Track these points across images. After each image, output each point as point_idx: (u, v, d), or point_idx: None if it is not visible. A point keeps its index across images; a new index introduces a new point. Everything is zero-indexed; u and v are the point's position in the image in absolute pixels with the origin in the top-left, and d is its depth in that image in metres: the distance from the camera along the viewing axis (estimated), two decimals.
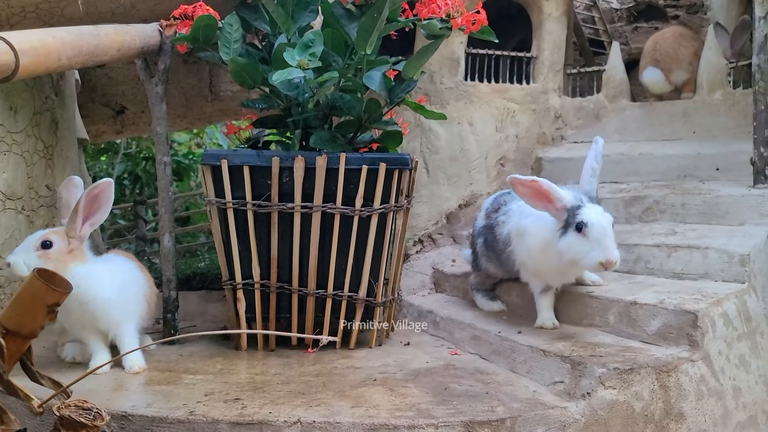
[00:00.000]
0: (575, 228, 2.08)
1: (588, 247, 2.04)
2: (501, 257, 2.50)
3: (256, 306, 2.43)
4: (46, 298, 1.32)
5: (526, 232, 2.32)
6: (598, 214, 2.09)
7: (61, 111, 3.06)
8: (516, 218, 2.41)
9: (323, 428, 1.66)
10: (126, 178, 9.25)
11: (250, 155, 2.37)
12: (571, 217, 2.10)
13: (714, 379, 1.89)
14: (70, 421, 1.37)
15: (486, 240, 2.59)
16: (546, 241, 2.20)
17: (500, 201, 2.60)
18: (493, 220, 2.56)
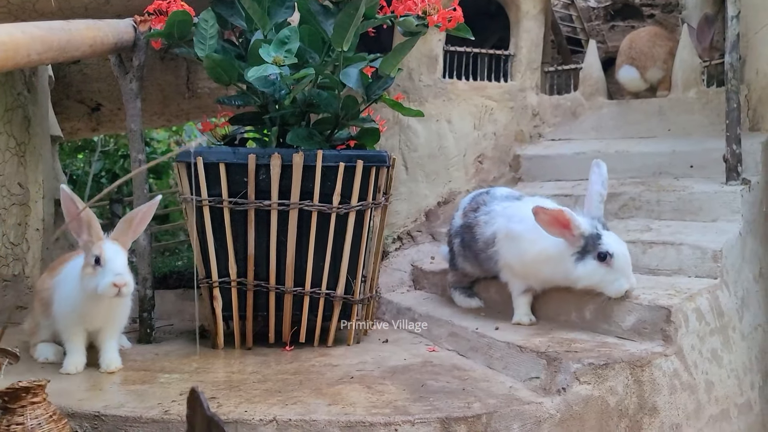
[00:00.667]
0: (597, 257, 2.12)
1: (613, 276, 2.11)
2: (480, 257, 2.51)
3: (233, 304, 2.41)
4: None
5: (520, 237, 2.31)
6: (620, 244, 2.15)
7: (34, 108, 3.02)
8: (503, 220, 2.41)
9: (299, 426, 1.65)
10: (104, 176, 9.14)
11: (226, 152, 2.35)
12: (591, 245, 2.14)
13: (687, 374, 1.91)
14: (13, 392, 1.35)
15: (463, 239, 2.59)
16: (547, 253, 2.22)
17: (479, 200, 2.61)
18: (471, 219, 2.57)
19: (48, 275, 2.29)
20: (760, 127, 2.88)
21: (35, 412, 1.36)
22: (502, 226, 2.40)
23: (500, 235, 2.40)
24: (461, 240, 2.61)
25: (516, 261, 2.35)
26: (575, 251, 2.16)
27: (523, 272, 2.35)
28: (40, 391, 1.38)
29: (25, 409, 1.35)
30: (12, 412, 1.35)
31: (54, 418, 1.38)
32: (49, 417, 1.37)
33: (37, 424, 1.35)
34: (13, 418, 1.34)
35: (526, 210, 2.27)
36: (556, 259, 2.20)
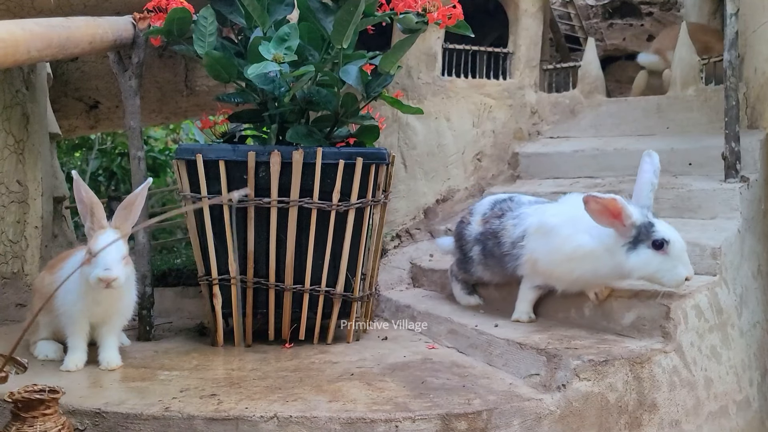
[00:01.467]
0: (652, 245, 2.04)
1: (671, 264, 2.02)
2: (504, 259, 2.40)
3: (233, 301, 2.41)
4: None
5: (552, 232, 2.22)
6: (674, 231, 2.08)
7: (32, 105, 3.01)
8: (536, 217, 2.32)
9: (300, 423, 1.66)
10: (101, 174, 9.12)
11: (226, 150, 2.35)
12: (644, 234, 2.06)
13: (686, 370, 1.92)
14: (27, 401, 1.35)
15: (485, 247, 2.50)
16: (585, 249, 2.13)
17: (504, 207, 2.50)
18: (496, 225, 2.45)
19: (47, 272, 2.29)
20: (758, 125, 2.89)
21: (45, 425, 1.36)
22: (534, 221, 2.30)
23: (531, 229, 2.29)
24: (482, 248, 2.52)
25: (544, 256, 2.23)
26: (626, 242, 2.07)
27: (548, 270, 2.24)
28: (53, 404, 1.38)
29: (36, 420, 1.35)
30: (22, 420, 1.34)
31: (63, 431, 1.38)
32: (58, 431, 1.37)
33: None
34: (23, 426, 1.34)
35: (562, 206, 2.23)
36: (599, 254, 2.10)
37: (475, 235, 2.57)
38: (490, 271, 2.54)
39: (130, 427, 1.70)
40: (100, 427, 1.72)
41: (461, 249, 2.66)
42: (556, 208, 2.29)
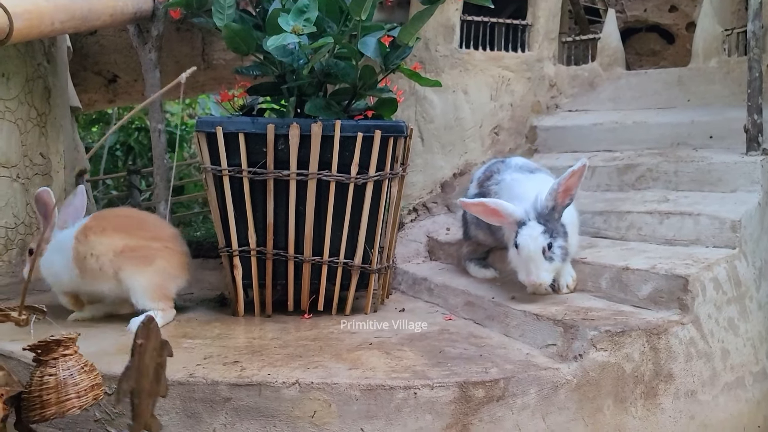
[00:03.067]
0: (514, 244, 2.23)
1: (521, 265, 2.22)
2: (491, 226, 2.52)
3: (253, 273, 2.45)
4: None
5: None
6: (530, 237, 2.17)
7: (54, 78, 3.04)
8: (507, 193, 2.43)
9: (321, 389, 1.69)
10: (119, 148, 9.20)
11: (245, 122, 2.37)
12: (516, 233, 2.22)
13: (703, 342, 1.93)
14: (45, 345, 1.40)
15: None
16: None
17: (492, 169, 2.62)
18: (485, 188, 2.58)
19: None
20: None
21: (67, 364, 1.40)
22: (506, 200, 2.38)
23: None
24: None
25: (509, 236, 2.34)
26: (514, 237, 2.24)
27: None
28: (71, 344, 1.43)
29: (57, 361, 1.40)
30: (45, 363, 1.39)
31: (86, 369, 1.43)
32: (81, 368, 1.42)
33: (69, 374, 1.40)
34: (46, 369, 1.39)
35: (526, 187, 2.31)
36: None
37: (470, 197, 2.65)
38: (483, 232, 2.62)
39: None
40: None
41: (463, 215, 2.74)
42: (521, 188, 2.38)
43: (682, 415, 1.84)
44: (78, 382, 1.40)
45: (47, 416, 1.37)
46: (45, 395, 1.37)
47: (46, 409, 1.37)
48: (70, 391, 1.39)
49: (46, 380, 1.38)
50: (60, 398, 1.38)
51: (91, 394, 1.43)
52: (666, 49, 4.26)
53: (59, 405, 1.37)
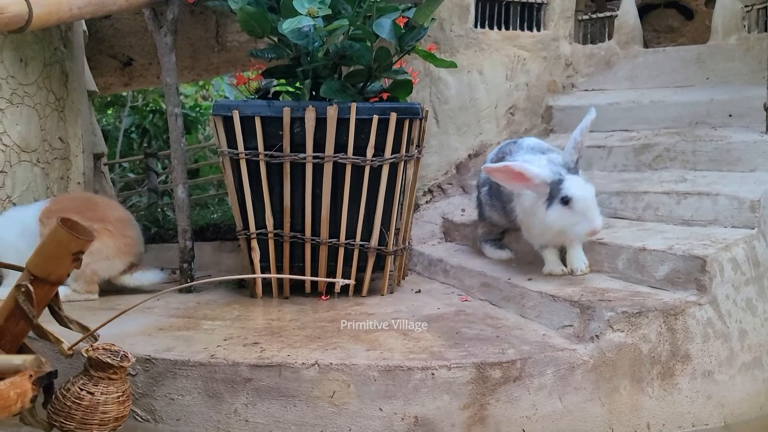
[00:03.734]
0: (560, 201, 2.17)
1: (575, 219, 2.16)
2: (505, 207, 2.53)
3: (270, 255, 2.47)
4: (70, 246, 1.36)
5: (523, 194, 2.33)
6: (581, 186, 2.18)
7: (71, 63, 3.06)
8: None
9: (340, 370, 1.72)
10: (134, 131, 9.24)
11: (261, 106, 2.38)
12: (555, 191, 2.19)
13: (721, 322, 1.93)
14: (98, 362, 1.43)
15: (490, 188, 2.61)
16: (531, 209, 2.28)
17: (505, 150, 2.62)
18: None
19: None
20: None
21: (108, 389, 1.44)
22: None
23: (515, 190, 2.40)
24: (488, 189, 2.63)
25: (522, 216, 2.38)
26: (544, 199, 2.22)
27: (527, 228, 2.38)
28: (121, 372, 1.46)
29: (101, 381, 1.43)
30: (89, 377, 1.43)
31: (121, 399, 1.46)
32: (117, 397, 1.45)
33: (103, 400, 1.43)
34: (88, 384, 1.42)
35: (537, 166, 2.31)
36: (535, 211, 2.25)
37: (483, 178, 2.66)
38: (497, 212, 2.62)
39: (178, 373, 1.78)
40: (150, 373, 1.81)
41: (477, 195, 2.76)
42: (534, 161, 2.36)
43: (698, 395, 1.85)
44: (107, 411, 1.44)
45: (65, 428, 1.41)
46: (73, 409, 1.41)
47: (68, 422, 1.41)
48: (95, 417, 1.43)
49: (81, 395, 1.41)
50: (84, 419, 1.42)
51: (112, 424, 1.47)
52: (684, 25, 4.19)
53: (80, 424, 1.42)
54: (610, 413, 1.77)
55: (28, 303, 1.37)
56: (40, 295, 1.38)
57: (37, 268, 1.36)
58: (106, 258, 2.47)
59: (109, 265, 2.50)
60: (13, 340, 1.44)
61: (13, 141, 2.64)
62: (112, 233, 2.47)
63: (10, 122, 2.62)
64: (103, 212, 2.52)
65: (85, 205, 2.51)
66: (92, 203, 2.58)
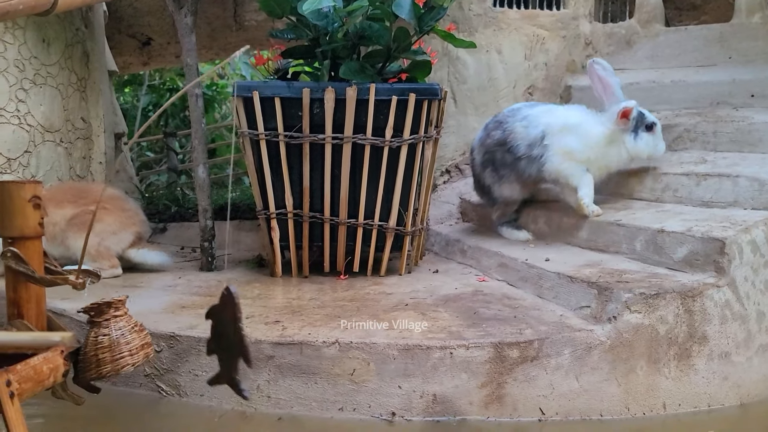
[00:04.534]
0: (645, 129, 2.51)
1: (657, 141, 2.53)
2: (520, 164, 2.58)
3: (290, 235, 2.51)
4: (20, 194, 1.38)
5: (581, 127, 2.52)
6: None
7: (92, 43, 3.09)
8: (548, 118, 2.55)
9: (360, 348, 1.75)
10: (151, 110, 9.29)
11: (281, 87, 2.39)
12: (640, 122, 2.50)
13: (739, 304, 1.93)
14: (96, 308, 1.47)
15: (494, 160, 2.65)
16: (608, 137, 2.51)
17: (498, 119, 2.69)
18: (500, 134, 2.62)
19: None
20: None
21: (118, 324, 1.48)
22: (555, 122, 2.54)
23: (554, 128, 2.53)
24: (492, 164, 2.67)
25: (580, 146, 2.51)
26: (629, 130, 2.50)
27: (585, 157, 2.52)
28: (121, 306, 1.50)
29: (110, 322, 1.47)
30: (98, 324, 1.47)
31: (136, 329, 1.50)
32: (132, 328, 1.49)
33: (120, 334, 1.47)
34: (100, 330, 1.46)
35: (570, 109, 2.62)
36: (614, 141, 2.52)
37: (480, 161, 2.72)
38: (507, 183, 2.66)
39: (202, 350, 1.83)
40: (174, 349, 1.86)
41: (477, 184, 2.81)
42: (567, 110, 2.63)
43: (715, 376, 1.87)
44: (130, 341, 1.48)
45: (104, 374, 1.45)
46: (100, 354, 1.45)
47: (102, 367, 1.44)
48: (123, 350, 1.47)
49: (100, 340, 1.45)
50: (114, 356, 1.45)
51: (142, 352, 1.51)
52: (707, 3, 4.13)
53: (114, 363, 1.45)
54: (626, 393, 1.79)
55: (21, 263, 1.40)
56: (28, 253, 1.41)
57: (7, 230, 1.40)
58: (113, 233, 2.59)
59: (118, 239, 2.61)
60: (36, 308, 1.46)
61: (37, 121, 2.68)
62: (110, 210, 2.60)
63: (34, 102, 2.67)
64: (96, 195, 2.62)
65: (77, 193, 2.61)
66: (83, 190, 2.67)
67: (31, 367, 1.28)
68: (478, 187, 2.83)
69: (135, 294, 2.31)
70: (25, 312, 1.45)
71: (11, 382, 1.21)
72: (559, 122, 2.54)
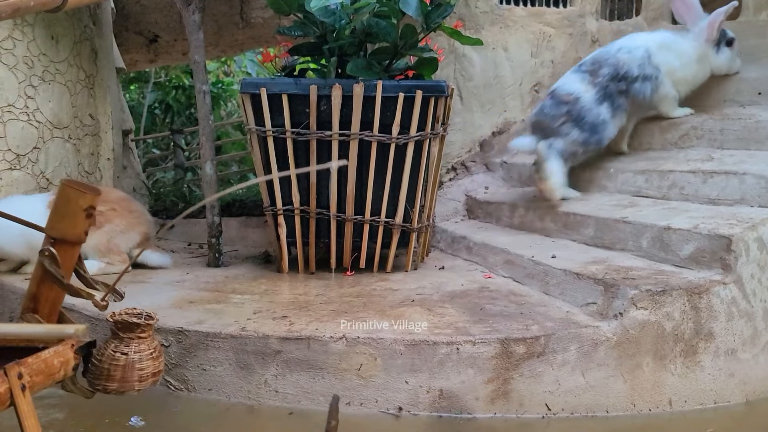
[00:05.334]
0: (726, 44, 2.69)
1: (735, 56, 2.73)
2: (633, 88, 2.66)
3: (297, 231, 2.52)
4: (79, 202, 1.39)
5: (675, 44, 2.67)
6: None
7: (100, 40, 3.10)
8: (642, 39, 2.69)
9: (367, 343, 1.76)
10: (157, 107, 9.32)
11: (288, 83, 2.40)
12: (722, 37, 2.68)
13: (745, 301, 1.93)
14: (125, 324, 1.48)
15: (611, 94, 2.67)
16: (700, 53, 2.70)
17: (599, 59, 2.72)
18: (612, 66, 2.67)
19: None
20: None
21: (139, 347, 1.48)
22: (652, 41, 2.69)
23: (653, 47, 2.67)
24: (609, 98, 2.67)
25: (678, 65, 2.66)
26: (714, 45, 2.68)
27: (681, 75, 2.68)
28: (148, 329, 1.51)
29: (132, 341, 1.48)
30: (120, 339, 1.48)
31: (153, 355, 1.50)
32: (150, 354, 1.50)
33: (138, 358, 1.48)
34: (120, 346, 1.47)
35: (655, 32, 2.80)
36: (703, 56, 2.69)
37: (593, 97, 2.68)
38: (618, 119, 2.72)
39: (210, 345, 1.84)
40: (183, 344, 1.87)
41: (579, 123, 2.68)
42: (655, 33, 2.78)
43: (721, 373, 1.87)
44: (144, 367, 1.49)
45: (108, 389, 1.46)
46: (112, 370, 1.46)
47: (109, 383, 1.46)
48: (134, 374, 1.48)
49: (117, 357, 1.46)
50: (125, 377, 1.46)
51: (152, 379, 1.52)
52: (714, 0, 4.11)
53: (121, 383, 1.46)
54: (632, 389, 1.79)
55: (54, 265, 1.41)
56: (64, 257, 1.42)
57: (54, 231, 1.40)
58: (122, 232, 2.64)
59: (126, 238, 2.65)
60: (51, 307, 1.48)
61: (46, 117, 2.70)
62: (118, 212, 2.66)
63: (43, 99, 2.68)
64: (105, 196, 2.65)
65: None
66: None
67: (43, 360, 1.30)
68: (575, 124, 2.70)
69: (143, 289, 2.32)
70: (40, 308, 1.47)
71: (23, 375, 1.22)
72: (657, 39, 2.68)
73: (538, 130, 2.72)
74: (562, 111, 2.67)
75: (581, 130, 2.68)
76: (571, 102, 2.68)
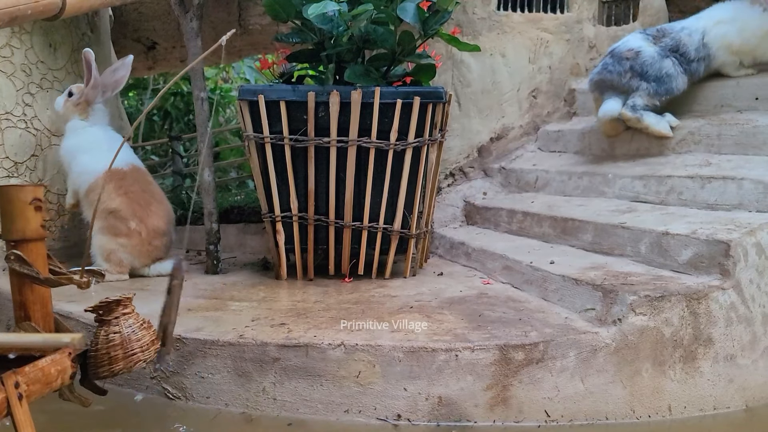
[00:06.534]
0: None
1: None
2: (691, 67, 2.81)
3: (295, 237, 2.51)
4: (20, 197, 1.39)
5: (734, 18, 2.76)
6: None
7: (98, 47, 3.10)
8: (702, 21, 2.82)
9: (365, 350, 1.76)
10: (156, 113, 9.33)
11: (286, 90, 2.41)
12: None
13: (744, 307, 1.93)
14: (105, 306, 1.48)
15: (681, 53, 2.80)
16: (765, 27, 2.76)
17: (664, 31, 2.85)
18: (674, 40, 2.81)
19: None
20: None
21: (128, 322, 1.49)
22: (710, 19, 2.81)
23: (710, 23, 2.79)
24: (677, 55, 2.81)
25: (737, 36, 2.75)
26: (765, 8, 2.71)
27: (742, 46, 2.77)
28: (128, 303, 1.51)
29: (119, 320, 1.48)
30: (108, 323, 1.48)
31: (144, 325, 1.51)
32: (140, 325, 1.50)
33: (131, 331, 1.48)
34: (110, 328, 1.47)
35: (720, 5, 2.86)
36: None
37: (656, 52, 2.81)
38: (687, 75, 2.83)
39: (208, 352, 1.84)
40: (181, 352, 1.86)
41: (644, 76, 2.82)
42: (716, 8, 2.87)
43: (720, 379, 1.86)
44: (140, 337, 1.49)
45: (116, 371, 1.46)
46: (112, 352, 1.46)
47: (114, 364, 1.45)
48: (134, 347, 1.48)
49: (111, 338, 1.46)
50: (126, 353, 1.46)
51: (153, 348, 1.52)
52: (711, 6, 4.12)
53: (126, 360, 1.46)
54: (631, 395, 1.79)
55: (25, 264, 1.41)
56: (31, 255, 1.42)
57: (10, 234, 1.41)
58: (130, 254, 2.63)
59: (131, 259, 2.65)
60: (42, 309, 1.47)
61: (44, 125, 2.69)
62: (142, 239, 2.63)
63: (41, 107, 2.68)
64: (147, 216, 2.64)
65: (143, 198, 2.66)
66: (147, 200, 2.68)
67: (39, 368, 1.29)
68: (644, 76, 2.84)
69: (141, 297, 2.31)
70: (31, 314, 1.46)
71: (20, 384, 1.21)
72: (714, 16, 2.78)
73: (604, 88, 2.89)
74: (626, 67, 2.83)
75: (647, 82, 2.82)
76: (632, 57, 2.83)
